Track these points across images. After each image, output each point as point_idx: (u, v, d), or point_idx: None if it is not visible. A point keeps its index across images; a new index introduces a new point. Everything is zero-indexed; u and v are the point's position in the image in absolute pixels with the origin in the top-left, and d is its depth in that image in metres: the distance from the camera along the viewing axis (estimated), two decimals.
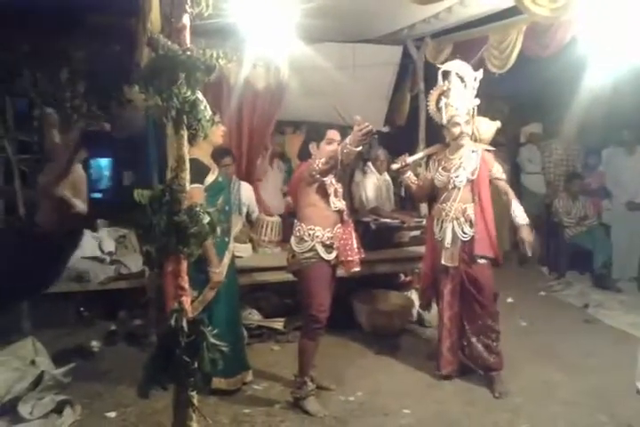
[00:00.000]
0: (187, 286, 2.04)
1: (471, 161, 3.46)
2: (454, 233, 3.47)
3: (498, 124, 3.71)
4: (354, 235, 3.30)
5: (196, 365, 1.98)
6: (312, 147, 3.29)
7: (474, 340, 3.51)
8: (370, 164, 5.09)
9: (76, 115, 5.17)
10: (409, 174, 3.73)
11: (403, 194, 5.25)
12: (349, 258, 3.24)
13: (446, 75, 3.56)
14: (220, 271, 3.12)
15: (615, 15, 3.15)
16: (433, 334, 4.05)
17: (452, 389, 3.49)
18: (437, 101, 3.60)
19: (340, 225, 3.24)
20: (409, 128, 5.31)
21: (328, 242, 3.17)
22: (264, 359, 3.79)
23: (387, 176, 5.11)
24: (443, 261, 3.51)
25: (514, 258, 6.01)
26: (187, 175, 2.04)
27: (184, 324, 1.99)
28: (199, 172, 2.99)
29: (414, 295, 4.53)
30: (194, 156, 2.99)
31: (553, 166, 6.40)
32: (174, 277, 2.04)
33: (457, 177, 3.45)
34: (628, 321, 4.55)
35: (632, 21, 3.16)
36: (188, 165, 2.04)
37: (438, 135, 5.53)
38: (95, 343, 3.95)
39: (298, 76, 4.53)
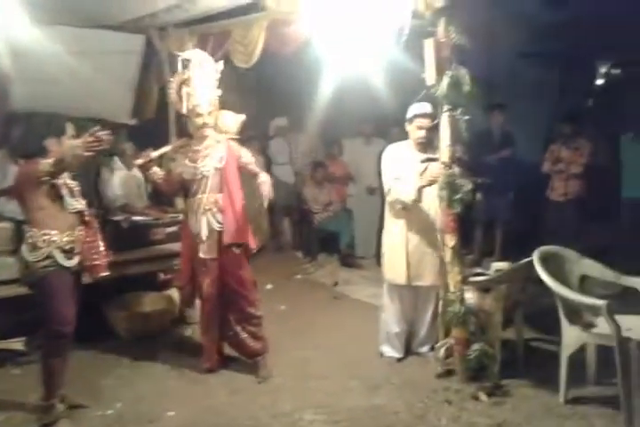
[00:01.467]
0: None
1: (217, 150, 3.49)
2: (209, 224, 3.46)
3: (242, 117, 3.80)
4: (99, 236, 3.13)
5: None
6: (50, 143, 2.95)
7: (238, 329, 3.57)
8: (117, 159, 4.79)
9: None
10: (155, 170, 3.57)
11: (149, 190, 5.06)
12: (96, 262, 3.07)
13: (186, 63, 3.51)
14: None
15: (340, 17, 3.47)
16: (196, 330, 4.02)
17: (217, 381, 3.51)
18: (179, 90, 3.54)
19: (81, 227, 3.04)
20: (159, 121, 5.12)
21: (67, 247, 2.94)
22: (3, 386, 3.35)
23: (136, 171, 4.86)
24: (201, 254, 3.48)
25: (271, 246, 6.29)
26: None
27: None
28: None
29: (176, 293, 4.43)
30: None
31: (300, 157, 6.85)
32: None
33: (204, 166, 3.45)
34: (369, 293, 5.09)
35: (355, 22, 3.52)
36: None
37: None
38: None
39: (27, 62, 4.02)
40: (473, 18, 3.45)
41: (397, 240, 3.64)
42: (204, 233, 3.46)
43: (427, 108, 3.52)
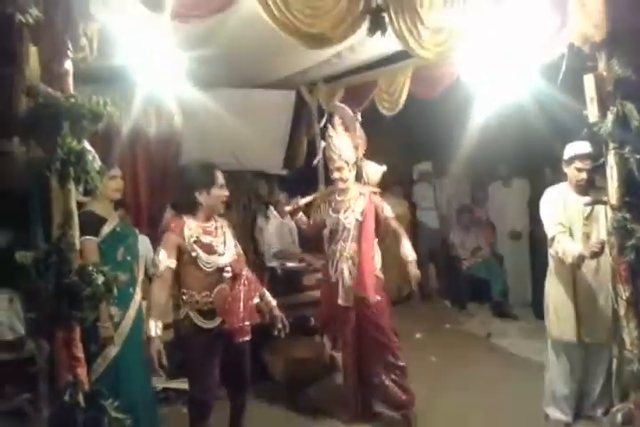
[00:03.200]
0: (81, 355, 1.84)
1: (359, 203, 3.53)
2: (350, 273, 3.47)
3: (384, 168, 3.80)
4: (243, 295, 2.81)
5: None
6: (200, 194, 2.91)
7: (383, 377, 3.47)
8: (272, 208, 5.05)
9: None
10: (300, 216, 3.74)
11: None
12: (235, 326, 2.76)
13: (329, 118, 3.65)
14: (108, 326, 2.87)
15: (492, 57, 3.39)
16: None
17: None
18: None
19: (223, 285, 2.80)
20: (308, 170, 5.36)
21: (206, 308, 2.75)
22: (174, 424, 3.50)
23: (289, 219, 5.08)
24: (340, 302, 3.48)
25: (417, 294, 6.15)
26: (76, 232, 1.87)
27: (80, 398, 1.78)
28: (91, 223, 2.89)
29: (326, 339, 4.45)
30: (88, 208, 2.96)
31: (445, 202, 6.71)
32: (66, 347, 1.83)
33: (346, 218, 3.50)
34: (528, 347, 4.71)
35: (508, 62, 3.43)
36: (76, 220, 1.88)
37: None
38: None
39: (193, 123, 4.44)
40: (637, 49, 3.20)
41: (565, 292, 3.32)
42: (345, 281, 3.47)
43: (586, 147, 3.28)
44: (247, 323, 2.79)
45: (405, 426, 3.41)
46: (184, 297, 2.76)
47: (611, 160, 3.04)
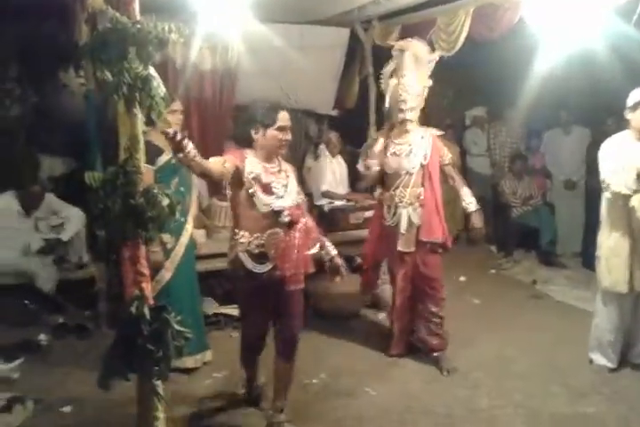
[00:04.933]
0: (146, 271, 1.95)
1: (422, 146, 3.45)
2: (410, 218, 3.45)
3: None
4: (298, 242, 2.64)
5: (160, 353, 1.90)
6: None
7: (420, 325, 3.57)
8: (322, 147, 5.05)
9: (9, 99, 4.90)
10: (371, 163, 3.54)
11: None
12: (287, 273, 2.63)
13: (398, 54, 3.51)
14: (157, 251, 3.02)
15: None
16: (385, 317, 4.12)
17: (412, 368, 3.53)
18: (387, 81, 3.57)
19: (277, 229, 2.60)
20: (359, 112, 5.30)
21: (256, 251, 2.58)
22: (223, 347, 3.70)
23: (340, 159, 5.09)
24: (399, 247, 3.49)
25: (463, 238, 6.13)
26: (142, 156, 1.94)
27: (146, 311, 1.91)
28: (149, 152, 2.83)
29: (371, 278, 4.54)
30: (147, 138, 3.02)
31: (498, 148, 6.55)
32: (133, 263, 1.94)
33: (409, 162, 3.42)
34: (574, 295, 4.72)
35: (577, 4, 3.24)
36: (142, 145, 1.95)
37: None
38: (43, 337, 3.75)
39: (249, 57, 4.41)
40: None
41: (619, 243, 3.25)
42: (404, 226, 3.45)
43: None
44: (301, 271, 2.69)
45: (436, 364, 3.51)
46: (236, 237, 2.62)
47: None
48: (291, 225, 2.62)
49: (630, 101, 3.23)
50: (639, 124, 3.19)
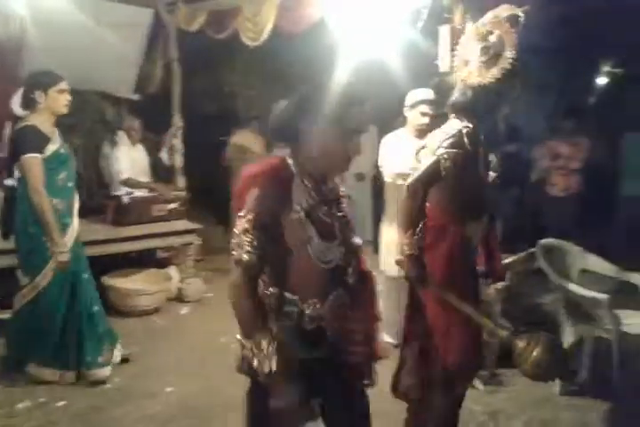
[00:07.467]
0: None
1: None
2: None
3: None
4: (368, 311, 1.72)
5: None
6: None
7: None
8: (121, 133, 4.70)
9: None
10: None
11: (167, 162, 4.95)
12: (353, 361, 1.66)
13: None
14: (66, 251, 2.79)
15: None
16: (189, 311, 4.04)
17: (217, 362, 3.48)
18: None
19: (338, 292, 1.62)
20: (163, 97, 5.06)
21: (311, 326, 1.56)
22: None
23: (141, 147, 4.81)
24: None
25: None
26: None
27: None
28: (36, 140, 2.76)
29: (174, 271, 4.40)
30: (30, 122, 2.77)
31: None
32: None
33: None
34: None
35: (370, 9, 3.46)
36: None
37: (194, 105, 5.40)
38: None
39: (39, 30, 3.96)
40: (493, 5, 3.40)
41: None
42: None
43: (432, 94, 3.48)
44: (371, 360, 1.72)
45: None
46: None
47: None
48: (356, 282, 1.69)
49: (409, 101, 3.56)
50: (417, 122, 3.54)
